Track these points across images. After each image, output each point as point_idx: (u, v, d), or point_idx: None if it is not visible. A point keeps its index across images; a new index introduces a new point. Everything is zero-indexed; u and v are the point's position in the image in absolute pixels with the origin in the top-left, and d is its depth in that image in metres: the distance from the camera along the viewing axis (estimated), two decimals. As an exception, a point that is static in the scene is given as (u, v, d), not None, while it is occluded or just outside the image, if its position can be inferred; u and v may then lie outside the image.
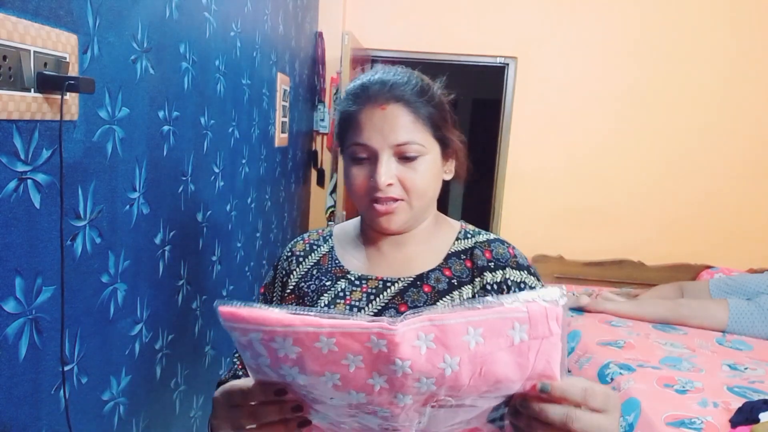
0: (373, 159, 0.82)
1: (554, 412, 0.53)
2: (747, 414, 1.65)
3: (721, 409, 1.77)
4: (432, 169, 0.84)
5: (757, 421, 1.61)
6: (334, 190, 3.33)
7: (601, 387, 0.56)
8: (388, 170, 0.81)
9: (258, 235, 2.36)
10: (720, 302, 2.67)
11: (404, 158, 0.81)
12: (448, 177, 0.91)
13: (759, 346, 2.44)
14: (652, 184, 3.44)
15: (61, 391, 1.00)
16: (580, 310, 2.83)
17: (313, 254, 0.93)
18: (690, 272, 3.42)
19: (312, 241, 0.95)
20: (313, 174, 3.58)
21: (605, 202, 3.48)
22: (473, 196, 5.91)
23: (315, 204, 3.62)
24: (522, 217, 3.52)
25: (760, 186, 3.40)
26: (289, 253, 0.94)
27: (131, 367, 1.29)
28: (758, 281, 2.73)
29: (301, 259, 0.93)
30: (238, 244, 2.08)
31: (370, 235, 0.91)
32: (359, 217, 0.95)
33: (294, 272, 0.91)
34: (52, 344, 0.97)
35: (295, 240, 0.97)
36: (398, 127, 0.81)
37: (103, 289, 1.14)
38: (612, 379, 2.03)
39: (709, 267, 3.39)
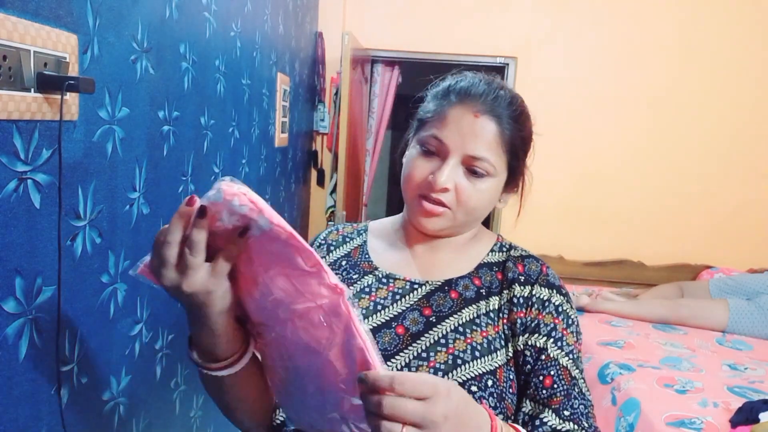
0: (442, 157, 0.81)
1: (369, 400, 0.53)
2: (747, 414, 1.65)
3: (721, 409, 1.77)
4: (492, 192, 0.83)
5: (757, 421, 1.61)
6: (334, 190, 3.33)
7: (421, 376, 0.54)
8: (451, 175, 0.79)
9: (258, 235, 2.36)
10: (720, 302, 2.67)
11: (472, 171, 0.80)
12: (501, 206, 0.90)
13: (759, 346, 2.44)
14: (653, 184, 3.44)
15: (62, 391, 1.00)
16: (580, 310, 2.83)
17: (344, 246, 0.92)
18: (690, 272, 3.42)
19: (345, 234, 0.94)
20: (313, 174, 3.58)
21: (605, 202, 3.48)
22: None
23: (315, 204, 3.62)
24: (522, 217, 3.50)
25: (760, 186, 3.40)
26: (322, 241, 0.94)
27: (131, 367, 1.29)
28: (758, 281, 2.73)
29: (332, 249, 0.92)
30: (238, 244, 2.08)
31: (407, 234, 0.91)
32: (398, 216, 0.95)
33: (323, 260, 0.90)
34: (52, 344, 0.97)
35: (329, 230, 0.96)
36: (481, 139, 0.79)
37: (103, 289, 1.14)
38: (612, 379, 2.03)
39: (709, 267, 3.39)
